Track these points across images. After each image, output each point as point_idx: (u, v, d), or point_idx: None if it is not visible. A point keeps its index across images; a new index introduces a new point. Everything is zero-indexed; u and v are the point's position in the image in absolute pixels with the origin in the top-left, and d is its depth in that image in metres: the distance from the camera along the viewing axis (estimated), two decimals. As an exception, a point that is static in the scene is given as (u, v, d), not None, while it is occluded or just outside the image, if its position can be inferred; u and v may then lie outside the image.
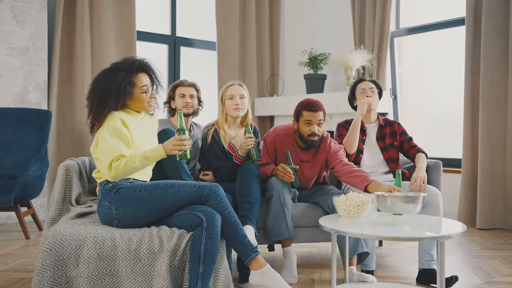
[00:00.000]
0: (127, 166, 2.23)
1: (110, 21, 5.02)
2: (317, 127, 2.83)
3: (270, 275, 2.25)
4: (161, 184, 2.29)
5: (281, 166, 2.78)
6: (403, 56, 5.38)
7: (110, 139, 2.27)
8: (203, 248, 2.15)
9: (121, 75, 2.36)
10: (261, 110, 5.96)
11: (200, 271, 2.14)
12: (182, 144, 2.26)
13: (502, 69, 4.24)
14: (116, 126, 2.29)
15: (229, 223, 2.25)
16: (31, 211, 4.16)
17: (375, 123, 3.23)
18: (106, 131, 2.29)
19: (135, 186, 2.29)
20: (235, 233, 2.26)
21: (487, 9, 4.26)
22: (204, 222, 2.17)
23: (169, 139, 2.30)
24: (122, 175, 2.27)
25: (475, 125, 4.43)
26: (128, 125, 2.33)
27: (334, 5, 5.79)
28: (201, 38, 6.08)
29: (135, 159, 2.24)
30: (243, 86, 3.05)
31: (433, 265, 2.72)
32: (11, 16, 4.51)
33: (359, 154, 3.13)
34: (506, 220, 4.24)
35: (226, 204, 2.28)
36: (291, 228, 2.78)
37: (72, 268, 2.16)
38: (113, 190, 2.29)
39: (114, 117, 2.32)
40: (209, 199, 2.26)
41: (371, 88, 3.17)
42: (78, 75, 4.79)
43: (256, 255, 2.26)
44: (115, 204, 2.28)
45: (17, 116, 4.17)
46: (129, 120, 2.36)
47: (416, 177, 2.84)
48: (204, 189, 2.26)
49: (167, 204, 2.26)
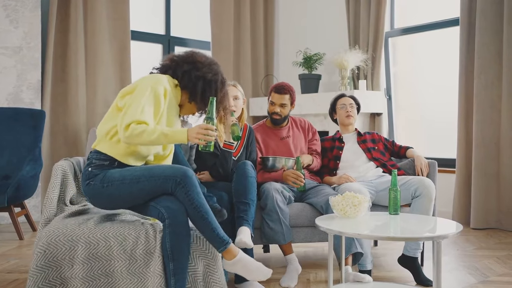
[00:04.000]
0: (143, 136, 2.10)
1: (104, 21, 5.00)
2: (279, 107, 3.12)
3: (241, 265, 2.19)
4: (127, 179, 2.19)
5: (292, 171, 2.91)
6: (397, 56, 5.40)
7: (146, 100, 2.16)
8: (169, 245, 2.12)
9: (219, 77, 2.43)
10: (255, 110, 5.95)
11: (170, 268, 2.12)
12: (207, 134, 2.13)
13: (496, 70, 4.26)
14: (159, 92, 2.20)
15: (196, 216, 2.15)
16: (25, 212, 4.13)
17: (353, 132, 3.42)
18: (149, 87, 2.19)
19: (103, 180, 2.21)
20: (204, 226, 2.16)
21: (481, 9, 4.27)
22: (167, 220, 2.12)
23: (195, 126, 2.16)
24: (137, 141, 2.13)
25: (469, 125, 4.44)
26: (167, 98, 2.26)
27: (329, 5, 5.80)
28: (195, 38, 6.07)
29: (154, 131, 2.11)
30: (237, 87, 3.05)
31: (418, 253, 2.86)
32: (4, 15, 4.48)
33: (336, 161, 3.27)
34: (500, 219, 4.25)
35: (193, 197, 2.14)
36: (287, 235, 2.78)
37: (67, 269, 2.14)
38: (86, 180, 2.24)
39: (163, 82, 2.25)
40: (175, 192, 2.16)
41: (350, 104, 3.38)
42: (71, 74, 4.76)
43: (226, 247, 2.18)
44: (87, 195, 2.27)
45: (10, 116, 4.13)
46: (171, 95, 2.29)
47: (420, 164, 3.12)
48: (168, 182, 2.15)
49: (135, 199, 2.22)
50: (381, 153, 3.30)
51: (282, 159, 2.99)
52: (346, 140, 3.35)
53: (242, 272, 2.21)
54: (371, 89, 5.18)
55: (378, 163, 3.23)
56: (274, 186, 2.82)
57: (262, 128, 3.25)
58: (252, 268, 2.21)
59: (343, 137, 3.37)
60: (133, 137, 2.11)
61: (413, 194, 2.88)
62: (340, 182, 3.07)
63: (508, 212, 4.18)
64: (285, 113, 3.15)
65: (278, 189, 2.82)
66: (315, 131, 3.34)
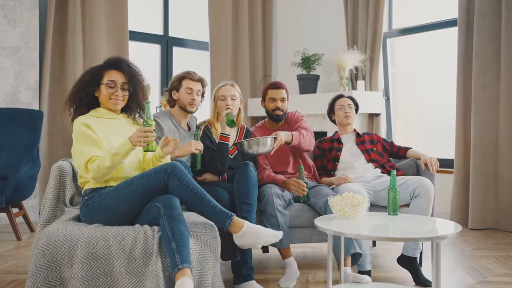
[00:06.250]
0: (100, 167, 2.26)
1: (102, 21, 4.99)
2: (280, 102, 3.14)
3: (250, 233, 2.24)
4: (121, 185, 2.30)
5: (294, 180, 2.88)
6: (395, 57, 5.41)
7: (79, 145, 2.33)
8: (169, 229, 2.13)
9: (96, 68, 2.46)
10: (254, 110, 5.95)
11: (173, 247, 2.11)
12: (146, 136, 2.25)
13: (494, 70, 4.27)
14: (81, 131, 2.35)
15: (195, 199, 2.23)
16: (23, 212, 4.12)
17: (351, 133, 3.40)
18: (74, 139, 2.36)
19: (101, 195, 2.32)
20: (204, 205, 2.24)
21: (479, 10, 4.28)
22: (162, 209, 2.17)
23: (135, 131, 2.29)
24: (101, 175, 2.29)
25: (467, 126, 4.45)
26: (93, 128, 2.36)
27: (327, 6, 5.80)
28: (193, 38, 6.07)
29: (105, 159, 2.26)
30: (235, 87, 3.08)
31: (417, 253, 2.86)
32: (2, 15, 4.47)
33: (335, 162, 3.27)
34: (498, 220, 4.26)
35: (187, 181, 2.23)
36: (285, 239, 2.77)
37: (66, 269, 2.14)
38: (85, 204, 2.36)
39: (78, 123, 2.38)
40: (168, 182, 2.22)
41: (349, 105, 3.37)
42: (69, 75, 4.75)
43: (231, 220, 2.24)
44: (88, 217, 2.35)
45: (8, 117, 4.12)
46: (95, 123, 2.39)
47: (426, 160, 3.10)
48: (159, 174, 2.23)
49: (133, 202, 2.27)
50: (379, 154, 3.30)
51: (258, 139, 2.82)
52: (344, 141, 3.35)
53: (254, 239, 2.24)
54: (369, 90, 5.19)
55: (376, 164, 3.23)
56: (274, 190, 2.81)
57: (261, 130, 3.24)
58: (262, 231, 2.26)
59: (341, 138, 3.37)
60: (95, 174, 2.28)
61: (412, 194, 2.89)
62: (339, 182, 3.07)
63: (506, 212, 4.19)
64: (285, 107, 3.18)
65: (278, 193, 2.82)
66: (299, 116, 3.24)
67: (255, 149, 2.82)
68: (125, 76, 2.47)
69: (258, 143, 2.81)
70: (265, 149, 2.83)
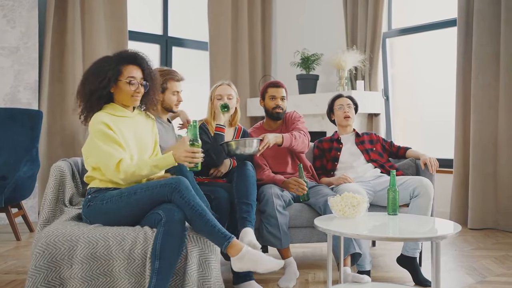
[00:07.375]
0: (136, 174, 2.26)
1: (102, 21, 4.99)
2: (280, 101, 3.16)
3: (248, 257, 2.16)
4: (124, 192, 2.26)
5: (294, 179, 2.87)
6: (395, 56, 5.41)
7: (102, 145, 2.27)
8: (159, 244, 2.10)
9: (110, 62, 2.36)
10: (253, 110, 5.95)
11: (156, 266, 2.08)
12: (194, 156, 2.26)
13: (494, 70, 4.27)
14: (100, 130, 2.28)
15: (195, 217, 2.17)
16: (22, 212, 4.11)
17: (351, 133, 3.41)
18: (94, 137, 2.29)
19: (103, 198, 2.30)
20: (204, 225, 2.17)
21: (478, 10, 4.28)
22: (163, 218, 2.14)
23: (181, 150, 2.27)
24: (133, 180, 2.30)
25: (466, 126, 4.45)
26: (112, 128, 2.31)
27: (326, 6, 5.80)
28: (193, 38, 6.06)
29: (143, 167, 2.26)
30: (231, 86, 3.09)
31: (416, 253, 2.86)
32: (1, 15, 4.46)
33: (334, 162, 3.27)
34: (497, 220, 4.26)
35: (189, 198, 2.18)
36: (284, 240, 2.77)
37: (66, 269, 2.14)
38: (87, 204, 2.35)
39: (97, 121, 2.30)
40: (172, 198, 2.20)
41: (348, 105, 3.37)
42: (69, 75, 4.75)
43: (229, 242, 2.16)
44: (89, 218, 2.35)
45: (7, 116, 4.12)
46: (112, 122, 2.33)
47: (425, 159, 3.10)
48: (164, 189, 2.21)
49: (133, 211, 2.26)
50: (379, 154, 3.30)
51: (244, 140, 2.79)
52: (344, 141, 3.35)
53: (252, 265, 2.15)
54: (368, 90, 5.19)
55: (376, 164, 3.23)
56: (274, 190, 2.81)
57: (260, 131, 3.24)
58: (262, 259, 2.16)
59: (341, 138, 3.37)
60: (128, 177, 2.26)
61: (411, 194, 2.89)
62: (338, 182, 3.07)
63: (506, 212, 4.19)
64: (285, 106, 3.20)
65: (278, 193, 2.81)
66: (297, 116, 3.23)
67: (241, 150, 2.78)
68: (143, 72, 2.42)
69: (244, 144, 2.77)
70: (251, 150, 2.78)
